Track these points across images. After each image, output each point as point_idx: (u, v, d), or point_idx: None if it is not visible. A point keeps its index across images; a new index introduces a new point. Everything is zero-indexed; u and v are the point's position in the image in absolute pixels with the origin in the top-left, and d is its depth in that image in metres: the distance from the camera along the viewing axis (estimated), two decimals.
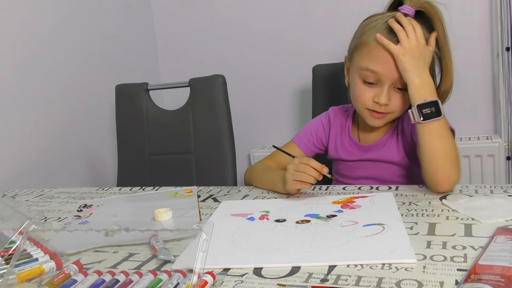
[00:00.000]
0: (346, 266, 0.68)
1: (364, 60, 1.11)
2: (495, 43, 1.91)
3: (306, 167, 1.03)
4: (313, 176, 1.03)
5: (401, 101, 1.12)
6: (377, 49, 1.08)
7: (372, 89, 1.12)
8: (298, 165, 1.05)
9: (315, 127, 1.34)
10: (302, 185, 1.05)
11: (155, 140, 1.74)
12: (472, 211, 0.87)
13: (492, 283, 0.56)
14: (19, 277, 0.73)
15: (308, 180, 1.03)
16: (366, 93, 1.13)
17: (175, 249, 0.81)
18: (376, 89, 1.12)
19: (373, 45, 1.09)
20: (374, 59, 1.09)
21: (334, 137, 1.31)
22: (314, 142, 1.33)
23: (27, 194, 1.39)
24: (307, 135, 1.34)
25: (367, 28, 1.12)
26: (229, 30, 2.30)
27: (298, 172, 1.04)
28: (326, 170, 1.03)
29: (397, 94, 1.11)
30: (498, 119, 1.95)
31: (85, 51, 1.95)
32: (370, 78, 1.11)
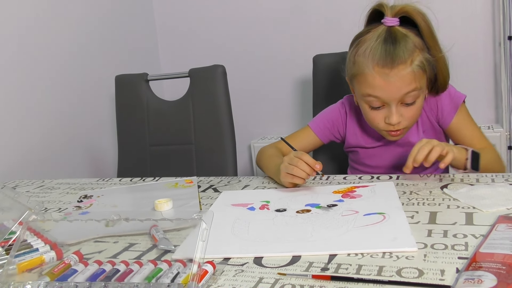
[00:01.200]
0: (347, 255, 0.68)
1: (365, 88, 1.11)
2: (497, 32, 1.90)
3: (299, 161, 1.03)
4: (305, 171, 1.02)
5: (413, 112, 1.12)
6: (374, 77, 1.08)
7: (381, 112, 1.12)
8: (292, 159, 1.05)
9: (332, 115, 1.32)
10: (294, 179, 1.04)
11: (155, 130, 1.74)
12: (474, 200, 0.87)
13: (493, 271, 0.56)
14: (20, 267, 0.72)
15: (300, 175, 1.03)
16: (377, 117, 1.13)
17: (175, 239, 0.80)
18: (385, 110, 1.12)
19: (369, 74, 1.08)
20: (373, 87, 1.09)
21: (353, 125, 1.29)
22: (330, 129, 1.32)
23: (28, 185, 1.39)
24: (324, 121, 1.32)
25: (359, 57, 1.10)
26: (229, 21, 2.28)
27: (291, 166, 1.04)
28: (319, 166, 1.02)
29: (407, 108, 1.11)
30: (500, 109, 1.94)
31: (85, 42, 1.94)
32: (375, 103, 1.11)
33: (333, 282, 0.60)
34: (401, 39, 1.07)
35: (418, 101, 1.11)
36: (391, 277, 0.60)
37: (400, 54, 1.05)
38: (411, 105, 1.10)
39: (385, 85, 1.07)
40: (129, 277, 0.65)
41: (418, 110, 1.13)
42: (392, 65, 1.05)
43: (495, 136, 1.85)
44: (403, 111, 1.11)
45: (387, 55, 1.06)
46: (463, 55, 1.94)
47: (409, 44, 1.07)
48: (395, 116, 1.10)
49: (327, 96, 1.59)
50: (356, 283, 0.59)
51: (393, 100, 1.09)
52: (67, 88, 1.83)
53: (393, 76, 1.06)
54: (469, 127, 1.21)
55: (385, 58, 1.06)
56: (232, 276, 0.65)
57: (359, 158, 1.30)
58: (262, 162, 1.29)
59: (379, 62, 1.06)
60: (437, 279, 0.58)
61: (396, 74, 1.06)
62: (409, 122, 1.13)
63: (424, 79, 1.10)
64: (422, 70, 1.08)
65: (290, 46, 2.20)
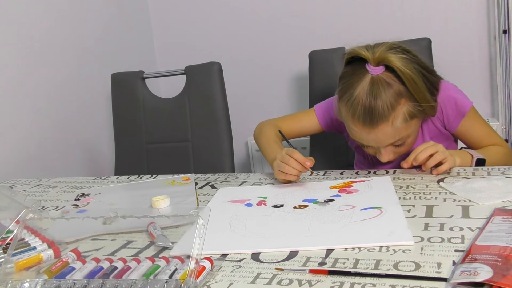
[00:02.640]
0: (344, 249, 0.69)
1: (352, 135, 1.11)
2: (492, 25, 1.90)
3: (290, 160, 1.03)
4: (296, 169, 1.03)
5: (405, 148, 1.11)
6: (356, 132, 1.07)
7: (372, 148, 1.12)
8: (283, 157, 1.05)
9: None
10: (287, 177, 1.05)
11: (152, 128, 1.74)
12: (470, 193, 0.87)
13: (489, 262, 0.56)
14: (17, 266, 0.73)
15: (291, 172, 1.03)
16: (368, 151, 1.14)
17: (172, 235, 0.81)
18: (374, 148, 1.11)
19: (353, 129, 1.07)
20: (359, 138, 1.09)
21: None
22: (333, 120, 1.29)
23: (25, 184, 1.39)
24: (330, 110, 1.29)
25: (343, 106, 1.08)
26: (225, 17, 2.28)
27: (283, 164, 1.04)
28: (310, 164, 1.03)
29: (398, 147, 1.10)
30: (495, 102, 1.95)
31: (81, 40, 1.93)
32: (364, 145, 1.11)
33: (331, 276, 0.61)
34: (383, 94, 1.02)
35: (409, 140, 1.09)
36: (388, 270, 0.60)
37: (381, 113, 1.01)
38: (402, 145, 1.10)
39: (368, 139, 1.07)
40: (127, 274, 0.65)
41: (410, 145, 1.12)
42: (371, 125, 1.03)
43: None
44: (394, 150, 1.10)
45: (366, 116, 1.02)
46: (458, 49, 1.95)
47: (393, 97, 1.02)
48: (385, 156, 1.10)
49: (324, 92, 1.59)
50: (354, 277, 0.60)
51: (380, 146, 1.09)
52: (63, 86, 1.83)
53: (374, 134, 1.05)
54: (477, 129, 1.19)
55: (364, 118, 1.03)
56: (229, 272, 0.66)
57: (363, 159, 1.30)
58: (259, 140, 1.29)
59: (360, 120, 1.04)
60: (433, 272, 0.59)
61: (376, 133, 1.04)
62: (401, 153, 1.13)
63: (411, 126, 1.07)
64: (407, 123, 1.05)
65: (286, 42, 2.20)
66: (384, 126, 1.03)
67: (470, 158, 1.09)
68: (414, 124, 1.09)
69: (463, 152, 1.11)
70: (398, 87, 1.03)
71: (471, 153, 1.11)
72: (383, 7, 1.96)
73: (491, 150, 1.16)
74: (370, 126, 1.03)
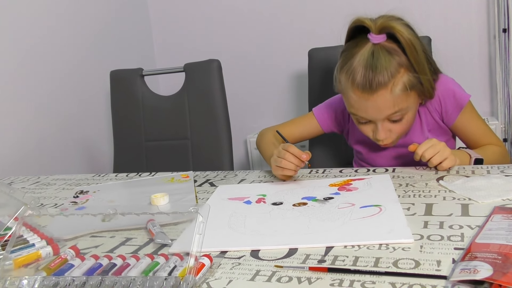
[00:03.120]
0: (343, 247, 0.68)
1: (349, 106, 1.12)
2: (491, 24, 1.90)
3: (286, 154, 1.03)
4: (293, 162, 1.03)
5: (402, 126, 1.11)
6: (355, 100, 1.07)
7: (369, 126, 1.12)
8: (279, 151, 1.05)
9: (337, 106, 1.31)
10: (284, 171, 1.05)
11: (151, 125, 1.74)
12: (469, 191, 0.87)
13: (489, 261, 0.56)
14: (16, 263, 0.72)
15: (288, 167, 1.03)
16: (365, 130, 1.14)
17: (172, 233, 0.80)
18: (372, 125, 1.12)
19: (350, 96, 1.08)
20: (356, 108, 1.09)
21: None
22: (333, 120, 1.31)
23: (23, 181, 1.39)
24: (328, 110, 1.31)
25: (342, 76, 1.09)
26: (224, 15, 2.28)
27: (279, 159, 1.04)
28: (306, 157, 1.02)
29: (395, 124, 1.10)
30: (495, 101, 1.95)
31: (80, 37, 1.93)
32: (361, 119, 1.12)
33: (330, 274, 0.60)
34: (384, 60, 1.03)
35: (406, 117, 1.10)
36: (388, 268, 0.60)
37: (380, 79, 1.02)
38: (399, 122, 1.10)
39: (366, 108, 1.07)
40: (126, 271, 0.65)
41: (408, 125, 1.12)
42: (370, 90, 1.03)
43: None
44: (390, 126, 1.10)
45: (365, 81, 1.03)
46: (458, 47, 1.95)
47: (393, 64, 1.03)
48: (382, 132, 1.10)
49: (323, 90, 1.59)
50: (353, 275, 0.59)
51: (377, 120, 1.09)
52: (62, 83, 1.82)
53: (373, 101, 1.04)
54: (474, 125, 1.20)
55: (364, 83, 1.03)
56: (229, 269, 0.65)
57: (363, 157, 1.30)
58: (260, 146, 1.30)
59: (359, 86, 1.04)
60: (433, 270, 0.59)
61: (375, 100, 1.04)
62: (399, 135, 1.13)
63: (410, 99, 1.07)
64: (406, 92, 1.05)
65: (286, 40, 2.19)
66: (383, 93, 1.03)
67: (468, 158, 1.10)
68: (413, 98, 1.09)
69: (461, 151, 1.12)
70: (399, 56, 1.04)
71: (469, 153, 1.11)
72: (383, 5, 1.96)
73: (488, 149, 1.16)
74: (370, 92, 1.03)
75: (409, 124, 1.13)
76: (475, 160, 1.09)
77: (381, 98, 1.04)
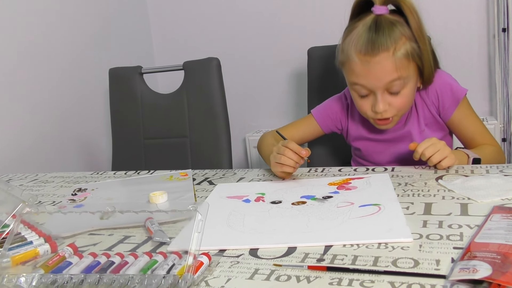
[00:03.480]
0: (342, 246, 0.68)
1: (350, 75, 1.12)
2: (491, 24, 1.90)
3: (285, 150, 1.03)
4: (292, 159, 1.03)
5: (401, 101, 1.11)
6: (357, 65, 1.08)
7: (368, 100, 1.13)
8: (279, 148, 1.05)
9: (336, 105, 1.32)
10: (283, 168, 1.05)
11: (149, 123, 1.73)
12: (468, 190, 0.87)
13: (488, 260, 0.56)
14: (14, 260, 0.72)
15: (288, 163, 1.03)
16: (364, 105, 1.14)
17: (170, 231, 0.80)
18: (371, 99, 1.12)
19: (353, 62, 1.09)
20: (357, 75, 1.10)
21: (354, 116, 1.29)
22: (333, 120, 1.32)
23: (21, 179, 1.38)
24: (327, 111, 1.32)
25: (346, 45, 1.12)
26: (223, 13, 2.27)
27: (279, 155, 1.04)
28: (305, 153, 1.03)
29: (394, 96, 1.11)
30: (494, 101, 1.95)
31: (78, 34, 1.92)
32: (361, 91, 1.12)
33: (329, 272, 0.60)
34: (386, 27, 1.06)
35: (405, 90, 1.10)
36: (387, 267, 0.60)
37: (383, 41, 1.05)
38: (398, 94, 1.10)
39: (368, 73, 1.08)
40: (124, 269, 0.64)
41: (407, 99, 1.12)
42: (373, 52, 1.05)
43: (490, 128, 1.83)
44: (390, 99, 1.11)
45: (368, 43, 1.06)
46: (457, 47, 1.94)
47: (395, 32, 1.06)
48: (381, 104, 1.10)
49: (322, 89, 1.59)
50: (352, 274, 0.59)
51: (377, 88, 1.09)
52: (60, 81, 1.82)
53: (374, 64, 1.06)
54: (470, 121, 1.21)
55: (366, 45, 1.06)
56: (227, 268, 0.65)
57: (362, 155, 1.30)
58: (261, 149, 1.31)
59: (362, 50, 1.06)
60: (432, 269, 0.58)
61: (377, 62, 1.06)
62: (397, 111, 1.13)
63: (410, 68, 1.09)
64: (407, 59, 1.07)
65: (285, 39, 2.19)
66: (386, 55, 1.05)
67: (466, 157, 1.10)
68: (413, 71, 1.10)
69: (459, 151, 1.12)
70: (402, 26, 1.07)
71: (467, 152, 1.11)
72: None
73: (485, 149, 1.16)
74: (372, 54, 1.05)
75: (407, 101, 1.13)
76: (473, 160, 1.09)
77: (383, 61, 1.06)
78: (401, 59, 1.06)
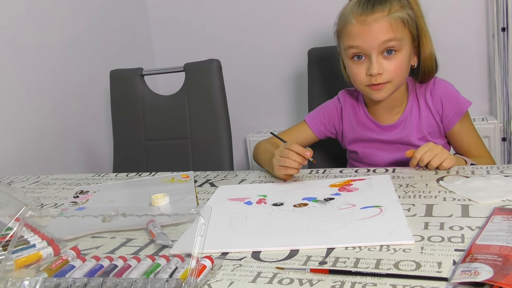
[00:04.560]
0: (345, 248, 0.69)
1: (346, 40, 1.16)
2: (490, 23, 1.90)
3: (289, 153, 1.04)
4: (297, 161, 1.03)
5: (395, 66, 1.13)
6: (354, 26, 1.13)
7: (363, 64, 1.15)
8: (282, 151, 1.06)
9: (328, 110, 1.34)
10: (287, 170, 1.05)
11: (150, 125, 1.73)
12: (469, 192, 0.87)
13: (490, 262, 0.56)
14: (17, 263, 0.72)
15: (292, 165, 1.04)
16: (359, 70, 1.16)
17: (172, 234, 0.81)
18: (366, 63, 1.14)
19: (350, 24, 1.13)
20: (353, 36, 1.13)
21: (348, 118, 1.30)
22: (326, 125, 1.33)
23: (23, 181, 1.39)
24: (320, 116, 1.34)
25: (345, 11, 1.17)
26: (224, 14, 2.27)
27: (283, 158, 1.05)
28: (309, 154, 1.03)
29: (388, 60, 1.13)
30: (493, 101, 1.95)
31: (79, 36, 1.92)
32: (356, 53, 1.15)
33: (332, 275, 0.61)
34: None
35: (399, 55, 1.13)
36: (389, 270, 0.60)
37: (379, 2, 1.10)
38: (393, 59, 1.12)
39: (364, 32, 1.11)
40: (127, 273, 0.65)
41: (400, 65, 1.14)
42: (370, 11, 1.10)
43: (489, 127, 1.86)
44: (384, 63, 1.13)
45: (365, 3, 1.11)
46: (456, 47, 1.94)
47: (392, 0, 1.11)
48: (376, 65, 1.12)
49: (322, 90, 1.59)
50: (354, 277, 0.60)
51: (373, 49, 1.11)
52: (61, 83, 1.82)
53: (370, 22, 1.10)
54: (470, 134, 1.24)
55: (363, 5, 1.11)
56: (230, 271, 0.66)
57: (358, 157, 1.30)
58: (258, 157, 1.30)
59: (359, 10, 1.12)
60: (434, 272, 0.59)
61: (373, 20, 1.10)
62: (391, 78, 1.14)
63: (404, 32, 1.12)
64: (402, 22, 1.11)
65: (285, 40, 2.19)
66: (381, 15, 1.10)
67: (464, 163, 1.12)
68: (408, 38, 1.13)
69: (457, 157, 1.14)
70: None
71: (465, 159, 1.14)
72: None
73: (480, 160, 1.18)
74: (368, 14, 1.10)
75: (401, 67, 1.14)
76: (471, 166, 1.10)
77: (379, 19, 1.10)
78: (397, 20, 1.10)
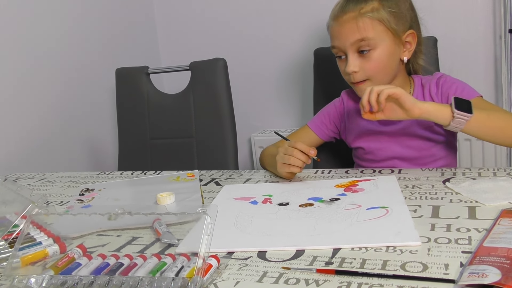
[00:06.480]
0: (351, 249, 0.68)
1: (330, 40, 1.20)
2: (497, 25, 1.90)
3: (294, 150, 1.04)
4: (301, 159, 1.03)
5: (371, 64, 1.14)
6: (332, 26, 1.18)
7: (343, 62, 1.18)
8: (286, 149, 1.06)
9: (329, 110, 1.34)
10: (291, 168, 1.05)
11: (156, 124, 1.74)
12: (476, 193, 0.87)
13: (497, 264, 0.56)
14: (23, 261, 0.73)
15: (296, 163, 1.04)
16: (341, 67, 1.19)
17: (178, 232, 0.81)
18: (346, 62, 1.17)
19: (330, 26, 1.19)
20: (332, 36, 1.19)
21: (352, 114, 1.30)
22: (328, 125, 1.33)
23: (29, 178, 1.39)
24: (321, 118, 1.34)
25: (330, 14, 1.20)
26: (230, 14, 2.27)
27: (287, 156, 1.05)
28: (314, 152, 1.04)
29: (364, 59, 1.14)
30: (500, 102, 1.94)
31: (85, 34, 1.93)
32: (338, 53, 1.18)
33: (338, 276, 0.60)
34: None
35: (375, 54, 1.13)
36: (396, 271, 0.60)
37: (353, 2, 1.13)
38: (368, 57, 1.13)
39: (338, 33, 1.15)
40: (133, 271, 0.65)
41: (378, 64, 1.14)
42: (342, 12, 1.13)
43: None
44: (361, 61, 1.14)
45: (342, 3, 1.15)
46: (463, 48, 1.94)
47: None
48: (350, 64, 1.14)
49: (328, 89, 1.58)
50: (361, 278, 0.59)
51: (346, 48, 1.14)
52: (67, 81, 1.83)
53: (342, 22, 1.14)
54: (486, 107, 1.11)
55: (340, 6, 1.15)
56: (236, 270, 0.65)
57: (364, 153, 1.29)
58: (264, 161, 1.31)
59: (336, 11, 1.16)
60: (441, 273, 0.59)
61: (344, 21, 1.13)
62: (368, 75, 1.15)
63: (378, 30, 1.12)
64: (373, 21, 1.11)
65: (291, 39, 2.19)
66: (351, 16, 1.12)
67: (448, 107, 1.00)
68: (382, 33, 1.13)
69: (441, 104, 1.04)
70: None
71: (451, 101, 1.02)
72: None
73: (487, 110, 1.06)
74: (340, 15, 1.14)
75: (379, 66, 1.14)
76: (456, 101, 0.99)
77: (350, 20, 1.12)
78: (365, 20, 1.11)
